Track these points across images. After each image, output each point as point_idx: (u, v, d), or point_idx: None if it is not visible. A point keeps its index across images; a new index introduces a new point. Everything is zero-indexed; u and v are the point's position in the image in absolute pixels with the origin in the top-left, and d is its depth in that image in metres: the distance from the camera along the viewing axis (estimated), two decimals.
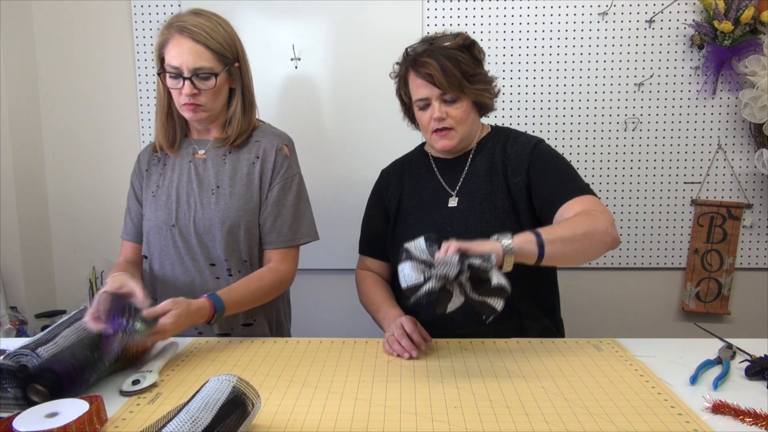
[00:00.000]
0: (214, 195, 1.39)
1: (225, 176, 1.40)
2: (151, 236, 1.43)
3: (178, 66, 1.31)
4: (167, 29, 1.33)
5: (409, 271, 1.03)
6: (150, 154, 1.49)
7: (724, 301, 2.15)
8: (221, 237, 1.37)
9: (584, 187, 1.30)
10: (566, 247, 1.13)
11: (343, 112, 2.10)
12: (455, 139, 1.36)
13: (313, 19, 2.06)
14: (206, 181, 1.40)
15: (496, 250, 1.06)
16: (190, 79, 1.31)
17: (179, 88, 1.33)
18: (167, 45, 1.32)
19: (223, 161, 1.41)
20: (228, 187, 1.39)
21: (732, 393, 0.97)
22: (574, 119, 2.09)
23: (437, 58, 1.29)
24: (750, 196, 2.10)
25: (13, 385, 0.99)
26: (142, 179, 1.48)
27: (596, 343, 1.22)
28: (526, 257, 1.10)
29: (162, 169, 1.45)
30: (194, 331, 1.39)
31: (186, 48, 1.30)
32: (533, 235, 1.11)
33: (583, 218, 1.19)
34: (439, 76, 1.29)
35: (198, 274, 1.40)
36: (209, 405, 0.79)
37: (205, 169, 1.41)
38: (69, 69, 2.15)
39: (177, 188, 1.41)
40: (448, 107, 1.33)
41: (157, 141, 1.45)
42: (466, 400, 0.97)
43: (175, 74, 1.32)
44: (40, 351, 1.02)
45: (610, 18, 2.04)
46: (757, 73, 1.93)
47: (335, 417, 0.92)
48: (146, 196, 1.45)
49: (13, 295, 2.07)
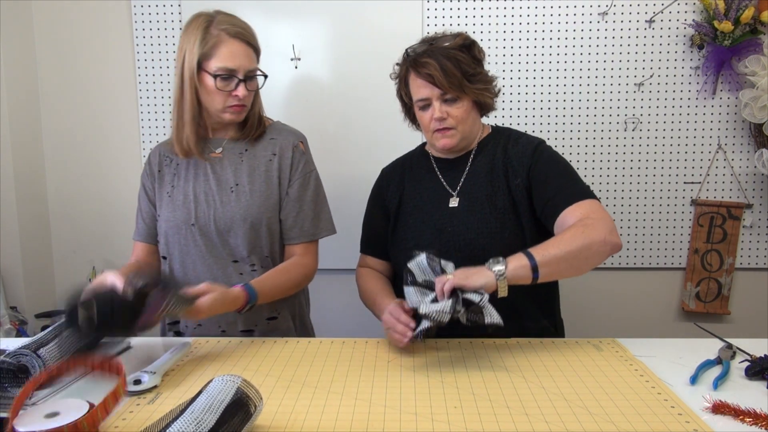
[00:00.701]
0: (234, 193, 1.39)
1: (243, 174, 1.40)
2: (170, 236, 1.42)
3: (235, 68, 1.32)
4: (214, 31, 1.32)
5: (412, 295, 1.16)
6: (161, 154, 1.48)
7: (724, 301, 2.15)
8: (243, 234, 1.37)
9: (585, 191, 1.30)
10: (561, 265, 1.15)
11: (343, 111, 2.10)
12: (456, 138, 1.36)
13: (313, 19, 2.06)
14: (224, 179, 1.41)
15: (489, 283, 1.10)
16: (243, 81, 1.33)
17: (229, 91, 1.33)
18: (218, 48, 1.32)
19: (240, 159, 1.42)
20: (247, 185, 1.40)
21: (732, 393, 0.97)
22: (574, 119, 2.09)
23: (437, 58, 1.30)
24: (750, 196, 2.10)
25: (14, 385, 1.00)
26: (154, 180, 1.47)
27: (596, 343, 1.22)
28: (521, 281, 1.13)
29: (176, 169, 1.44)
30: (217, 330, 1.40)
31: (240, 51, 1.33)
32: (526, 258, 1.13)
33: (579, 231, 1.18)
34: (440, 76, 1.29)
35: (221, 271, 1.40)
36: (213, 406, 0.79)
37: (221, 167, 1.42)
38: (69, 69, 2.15)
39: (194, 187, 1.41)
40: (448, 107, 1.33)
41: (181, 145, 1.39)
42: (466, 400, 0.97)
43: (227, 76, 1.32)
44: (41, 352, 1.02)
45: (610, 18, 2.04)
46: (757, 73, 1.93)
47: (335, 417, 0.92)
48: (161, 196, 1.45)
49: (13, 295, 2.07)
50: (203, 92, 1.35)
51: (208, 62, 1.32)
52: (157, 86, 2.13)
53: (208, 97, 1.35)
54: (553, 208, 1.29)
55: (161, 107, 2.14)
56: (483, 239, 1.33)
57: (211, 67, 1.32)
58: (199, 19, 1.34)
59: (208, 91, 1.34)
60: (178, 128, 1.38)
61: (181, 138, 1.38)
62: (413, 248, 1.36)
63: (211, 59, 1.32)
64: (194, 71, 1.32)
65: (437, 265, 1.16)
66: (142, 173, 1.50)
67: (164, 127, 2.15)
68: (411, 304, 1.15)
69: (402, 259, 1.27)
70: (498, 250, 1.32)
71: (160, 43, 2.10)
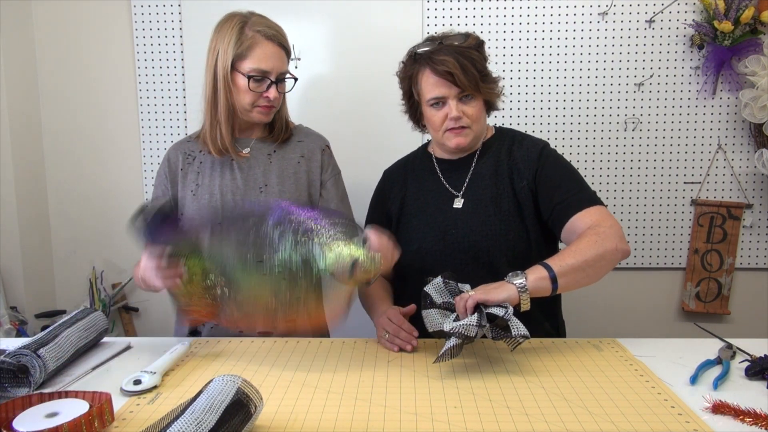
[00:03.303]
0: (263, 193, 1.39)
1: (273, 175, 1.40)
2: None
3: (268, 70, 1.33)
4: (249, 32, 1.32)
5: (433, 317, 1.14)
6: (184, 153, 1.45)
7: (724, 301, 2.15)
8: None
9: (594, 197, 1.30)
10: (578, 275, 1.16)
11: (343, 111, 2.09)
12: (469, 137, 1.36)
13: (313, 19, 2.06)
14: (252, 179, 1.40)
15: (512, 296, 1.10)
16: (275, 83, 1.34)
17: (261, 92, 1.34)
18: (252, 50, 1.32)
19: (269, 160, 1.42)
20: (277, 185, 1.39)
21: (732, 393, 0.97)
22: (574, 119, 2.09)
23: (455, 57, 1.28)
24: (750, 196, 2.10)
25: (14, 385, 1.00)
26: (175, 179, 1.44)
27: (596, 343, 1.22)
28: (541, 293, 1.13)
29: (199, 167, 1.43)
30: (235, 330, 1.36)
31: (275, 53, 1.34)
32: (545, 270, 1.13)
33: (592, 240, 1.18)
34: (460, 74, 1.28)
35: None
36: (214, 407, 0.79)
37: (249, 166, 1.41)
38: (69, 69, 2.15)
39: (220, 186, 1.40)
40: (464, 106, 1.33)
41: (215, 144, 1.38)
42: (466, 400, 0.97)
43: (260, 78, 1.33)
44: (41, 352, 1.02)
45: (610, 18, 2.04)
46: (757, 73, 1.93)
47: (335, 417, 0.92)
48: (184, 195, 1.42)
49: (13, 295, 2.07)
50: (234, 91, 1.36)
51: (242, 63, 1.33)
52: (157, 86, 2.13)
53: (239, 96, 1.35)
54: (563, 214, 1.29)
55: (161, 107, 2.14)
56: (487, 241, 1.33)
57: (244, 68, 1.33)
58: (233, 20, 1.34)
59: (239, 90, 1.35)
60: (212, 127, 1.38)
61: (215, 137, 1.38)
62: (416, 251, 1.37)
63: (245, 60, 1.32)
64: (228, 71, 1.33)
65: (454, 286, 1.17)
66: (159, 172, 1.47)
67: (164, 127, 2.15)
68: (433, 327, 1.14)
69: (405, 261, 1.26)
70: (502, 252, 1.32)
71: (160, 43, 2.10)
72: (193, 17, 2.07)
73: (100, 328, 1.23)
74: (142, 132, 2.16)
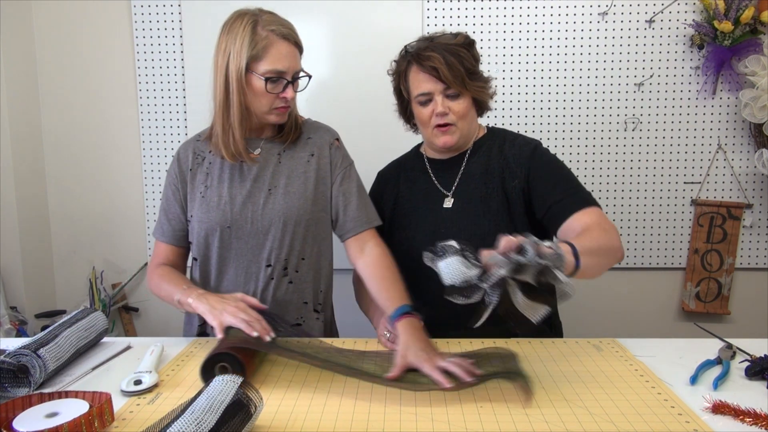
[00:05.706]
0: (272, 194, 1.36)
1: (282, 175, 1.37)
2: (203, 238, 1.37)
3: (284, 70, 1.29)
4: (262, 32, 1.28)
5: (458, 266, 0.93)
6: (193, 152, 1.42)
7: (724, 301, 2.15)
8: (280, 235, 1.34)
9: (590, 197, 1.30)
10: (592, 260, 1.08)
11: (343, 111, 2.09)
12: (456, 135, 1.36)
13: (313, 19, 2.06)
14: (261, 181, 1.37)
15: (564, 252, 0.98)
16: (291, 83, 1.31)
17: (277, 93, 1.30)
18: (268, 50, 1.28)
19: (278, 160, 1.39)
20: (285, 186, 1.36)
21: (732, 393, 0.97)
22: (574, 119, 2.09)
23: (441, 53, 1.30)
24: (750, 196, 2.10)
25: (14, 385, 1.00)
26: (185, 178, 1.41)
27: (596, 344, 1.22)
28: (568, 267, 1.01)
29: (208, 168, 1.40)
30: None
31: (290, 52, 1.30)
32: (568, 246, 1.03)
33: (601, 233, 1.18)
34: (444, 69, 1.29)
35: (255, 274, 1.36)
36: (214, 407, 0.79)
37: (259, 168, 1.38)
38: (69, 69, 2.15)
39: (229, 189, 1.37)
40: (450, 102, 1.33)
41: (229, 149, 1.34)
42: (466, 400, 0.97)
43: (276, 78, 1.29)
44: (41, 352, 1.02)
45: (610, 18, 2.04)
46: (757, 73, 1.93)
47: (335, 417, 0.92)
48: (193, 196, 1.40)
49: (13, 295, 2.07)
50: (249, 94, 1.31)
51: (257, 64, 1.28)
52: (157, 86, 2.13)
53: (255, 98, 1.31)
54: (560, 213, 1.28)
55: (161, 107, 2.14)
56: (475, 241, 1.32)
57: (260, 69, 1.28)
58: (243, 19, 1.29)
59: (255, 93, 1.30)
60: (225, 132, 1.33)
61: (228, 142, 1.33)
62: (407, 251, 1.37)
63: (261, 61, 1.28)
64: (242, 73, 1.28)
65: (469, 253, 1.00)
66: (169, 171, 1.44)
67: (164, 127, 2.15)
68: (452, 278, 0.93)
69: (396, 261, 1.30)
70: None
71: (160, 43, 2.10)
72: (193, 17, 2.07)
73: (100, 328, 1.23)
74: (142, 132, 2.16)
